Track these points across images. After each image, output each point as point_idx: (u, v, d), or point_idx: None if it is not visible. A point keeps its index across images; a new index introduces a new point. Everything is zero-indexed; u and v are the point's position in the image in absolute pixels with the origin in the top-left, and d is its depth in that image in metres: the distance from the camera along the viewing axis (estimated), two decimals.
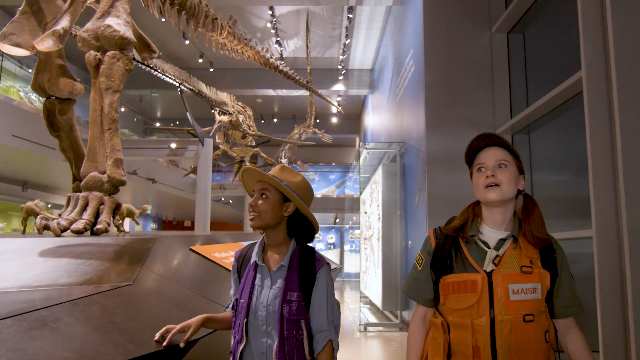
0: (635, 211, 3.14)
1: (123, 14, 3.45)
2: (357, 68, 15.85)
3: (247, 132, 10.53)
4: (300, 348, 1.66)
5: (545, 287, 1.54)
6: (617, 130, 3.26)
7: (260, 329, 1.68)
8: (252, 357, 1.68)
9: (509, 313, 1.50)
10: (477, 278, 1.54)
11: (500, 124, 6.58)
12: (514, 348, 1.49)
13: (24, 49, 3.48)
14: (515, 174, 1.61)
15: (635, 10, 3.35)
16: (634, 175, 3.17)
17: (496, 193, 1.58)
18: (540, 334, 1.52)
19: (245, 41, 6.66)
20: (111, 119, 3.22)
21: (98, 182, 3.22)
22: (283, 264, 1.75)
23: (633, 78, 3.29)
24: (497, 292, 1.51)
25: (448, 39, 7.15)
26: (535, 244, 1.56)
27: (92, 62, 3.31)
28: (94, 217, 3.14)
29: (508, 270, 1.53)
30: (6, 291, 1.83)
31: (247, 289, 1.74)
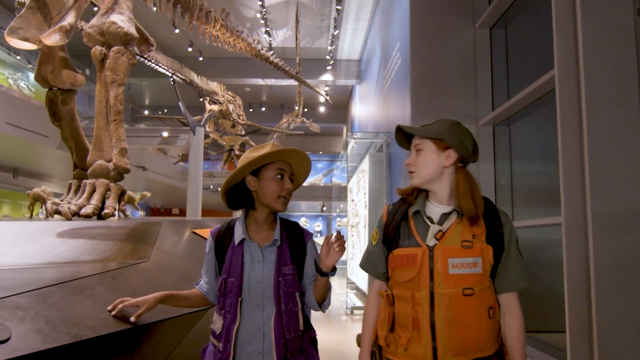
0: (598, 199, 3.45)
1: (126, 10, 3.65)
2: (345, 58, 16.05)
3: (237, 121, 10.72)
4: (296, 319, 1.72)
5: (487, 262, 1.56)
6: (584, 126, 3.56)
7: (255, 305, 1.71)
8: (247, 334, 1.70)
9: (448, 287, 1.52)
10: (417, 252, 1.57)
11: (482, 116, 6.87)
12: (453, 322, 1.52)
13: (32, 43, 3.67)
14: (432, 155, 1.62)
15: (602, 16, 3.63)
16: (598, 167, 3.48)
17: (414, 179, 1.65)
18: (481, 309, 1.54)
19: (237, 33, 6.85)
20: (117, 111, 3.44)
21: (104, 169, 3.45)
22: (276, 238, 1.78)
23: (599, 78, 3.58)
24: (437, 266, 1.54)
25: (433, 33, 7.40)
26: (469, 218, 1.58)
27: (97, 57, 3.52)
28: (101, 202, 3.36)
29: (449, 244, 1.56)
30: (38, 266, 2.07)
31: (237, 268, 1.74)
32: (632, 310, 3.34)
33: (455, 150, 1.61)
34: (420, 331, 1.53)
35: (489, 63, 7.18)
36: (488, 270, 1.56)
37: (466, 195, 1.56)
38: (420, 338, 1.54)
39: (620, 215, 3.41)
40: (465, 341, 1.52)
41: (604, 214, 3.42)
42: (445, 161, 1.61)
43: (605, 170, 3.45)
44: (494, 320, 1.58)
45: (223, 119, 10.52)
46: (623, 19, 3.62)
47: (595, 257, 3.42)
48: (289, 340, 1.69)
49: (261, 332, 1.69)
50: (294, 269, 1.76)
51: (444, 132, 1.62)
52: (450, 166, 1.62)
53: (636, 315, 3.34)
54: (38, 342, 1.31)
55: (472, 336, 1.52)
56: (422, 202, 1.66)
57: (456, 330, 1.51)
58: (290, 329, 1.70)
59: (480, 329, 1.53)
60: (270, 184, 1.77)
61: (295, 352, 1.71)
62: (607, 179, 3.44)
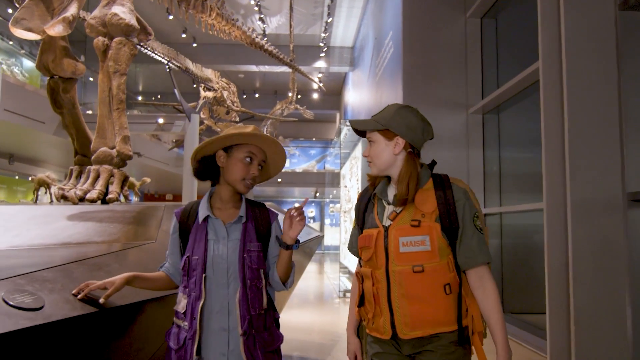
0: (576, 186, 3.65)
1: (127, 2, 3.78)
2: (338, 46, 16.13)
3: (231, 107, 10.84)
4: (260, 296, 1.73)
5: (436, 239, 1.59)
6: (566, 117, 3.75)
7: (220, 282, 1.71)
8: (212, 311, 1.70)
9: (399, 264, 1.59)
10: (374, 233, 1.66)
11: (472, 104, 7.05)
12: (406, 297, 1.59)
13: (36, 33, 3.78)
14: (382, 145, 1.68)
15: (584, 11, 3.81)
16: (577, 157, 3.68)
17: (372, 168, 1.74)
18: (435, 286, 1.59)
19: (232, 22, 6.96)
20: (119, 100, 3.59)
21: (108, 156, 3.60)
22: (241, 214, 1.79)
23: (580, 71, 3.76)
24: (391, 245, 1.61)
25: (426, 22, 7.54)
26: (399, 201, 1.65)
27: (100, 48, 3.65)
28: (105, 187, 3.52)
29: (401, 224, 1.62)
30: (55, 246, 2.25)
31: (201, 245, 1.74)
32: (606, 292, 3.57)
33: (402, 136, 1.65)
34: (380, 306, 1.63)
35: (479, 52, 7.34)
36: (438, 248, 1.59)
37: (403, 180, 1.63)
38: (381, 313, 1.63)
39: (597, 202, 3.62)
40: (420, 316, 1.58)
41: (582, 201, 3.63)
42: (395, 149, 1.67)
43: (584, 159, 3.65)
44: (452, 296, 1.60)
45: (217, 105, 10.64)
46: (604, 13, 3.79)
47: (573, 242, 3.64)
48: (254, 317, 1.70)
49: (226, 309, 1.69)
50: (259, 246, 1.76)
51: (389, 120, 1.66)
52: (401, 152, 1.67)
53: (610, 295, 3.57)
54: (68, 310, 1.49)
55: (428, 311, 1.58)
56: (382, 186, 1.73)
57: (410, 305, 1.58)
58: (255, 306, 1.71)
59: (436, 305, 1.58)
60: (237, 164, 1.76)
61: (260, 328, 1.72)
62: (586, 168, 3.64)
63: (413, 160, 1.67)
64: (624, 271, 3.57)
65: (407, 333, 1.59)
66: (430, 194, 1.64)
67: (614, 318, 3.56)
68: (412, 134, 1.66)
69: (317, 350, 4.77)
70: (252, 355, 1.67)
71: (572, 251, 3.63)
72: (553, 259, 3.90)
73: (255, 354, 1.68)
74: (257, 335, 1.70)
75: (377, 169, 1.70)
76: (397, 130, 1.65)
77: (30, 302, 1.40)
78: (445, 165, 6.81)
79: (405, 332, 1.59)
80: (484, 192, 6.85)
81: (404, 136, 1.65)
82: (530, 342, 4.91)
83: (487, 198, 6.79)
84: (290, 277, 1.81)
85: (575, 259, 3.63)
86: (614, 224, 3.60)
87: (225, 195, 1.80)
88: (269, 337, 1.74)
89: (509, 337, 4.97)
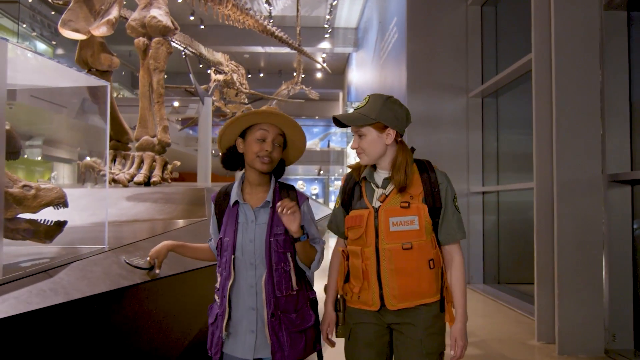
0: (562, 168, 4.14)
1: (163, 5, 4.22)
2: (342, 27, 16.43)
3: (240, 89, 11.25)
4: (288, 279, 1.77)
5: (424, 219, 1.73)
6: (554, 105, 4.21)
7: (248, 263, 1.77)
8: (241, 290, 1.77)
9: (389, 242, 1.72)
10: (364, 213, 1.76)
11: (472, 89, 7.47)
12: (395, 272, 1.71)
13: (82, 34, 4.24)
14: (374, 136, 1.76)
15: (572, 10, 4.24)
16: (563, 142, 4.16)
17: (363, 159, 1.80)
18: (421, 261, 1.72)
19: (246, 11, 7.36)
20: (159, 94, 4.06)
21: (150, 144, 4.09)
22: (268, 199, 1.81)
23: (567, 64, 4.22)
24: (381, 225, 1.73)
25: (429, 10, 7.89)
26: (398, 188, 1.74)
27: (141, 47, 4.11)
28: (149, 171, 4.03)
29: (390, 205, 1.74)
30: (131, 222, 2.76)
31: (232, 228, 1.80)
32: (585, 262, 4.09)
33: (392, 127, 1.75)
34: (369, 281, 1.74)
35: (480, 39, 7.74)
36: (425, 227, 1.73)
37: (401, 168, 1.73)
38: (369, 287, 1.75)
39: (580, 183, 4.11)
40: (407, 288, 1.71)
41: (567, 181, 4.12)
42: (387, 139, 1.76)
43: (569, 144, 4.14)
44: (435, 270, 1.75)
45: (227, 88, 11.05)
46: (590, 13, 4.23)
47: (558, 218, 4.13)
48: (280, 299, 1.74)
49: (254, 289, 1.75)
50: (286, 230, 1.77)
51: (379, 113, 1.73)
52: (392, 142, 1.77)
53: (588, 266, 4.09)
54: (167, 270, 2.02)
55: (414, 284, 1.71)
56: (370, 170, 1.83)
57: (399, 279, 1.71)
58: (282, 288, 1.75)
59: (421, 278, 1.72)
60: (251, 144, 1.78)
61: (288, 310, 1.76)
62: (570, 152, 4.13)
63: (406, 149, 1.79)
64: (601, 244, 4.08)
65: (395, 305, 1.72)
66: (416, 177, 1.77)
67: (592, 286, 4.09)
68: (400, 124, 1.77)
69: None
70: (276, 335, 1.73)
71: (557, 226, 4.13)
72: (541, 233, 4.43)
73: (280, 334, 1.73)
74: (284, 316, 1.74)
75: (369, 159, 1.78)
76: (388, 123, 1.74)
77: (142, 264, 1.92)
78: (445, 146, 7.33)
79: (394, 304, 1.72)
80: (482, 172, 7.35)
81: (394, 127, 1.75)
82: (522, 308, 5.48)
83: (485, 177, 7.30)
84: (315, 262, 1.84)
85: (559, 233, 4.13)
86: (594, 202, 4.10)
87: (253, 179, 1.84)
88: (297, 319, 1.77)
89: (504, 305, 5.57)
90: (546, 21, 4.45)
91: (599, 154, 4.13)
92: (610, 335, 4.04)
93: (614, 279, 4.09)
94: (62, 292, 1.50)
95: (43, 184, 1.75)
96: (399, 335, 1.77)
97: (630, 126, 4.18)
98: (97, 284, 1.66)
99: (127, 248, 2.05)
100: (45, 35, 14.38)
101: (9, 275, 1.49)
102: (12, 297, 1.36)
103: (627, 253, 4.10)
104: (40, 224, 1.74)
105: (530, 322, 4.73)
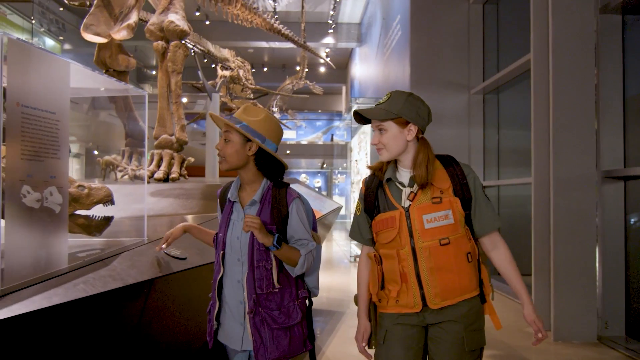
0: (558, 164, 4.36)
1: (180, 10, 4.44)
2: (346, 22, 16.60)
3: (246, 85, 11.47)
4: (269, 276, 1.78)
5: (458, 212, 1.70)
6: (551, 104, 4.43)
7: (235, 259, 1.82)
8: (230, 285, 1.83)
9: (426, 240, 1.68)
10: (395, 214, 1.72)
11: (474, 86, 7.67)
12: (435, 270, 1.68)
13: (103, 37, 4.46)
14: (396, 132, 1.73)
15: (568, 13, 4.44)
16: (559, 139, 4.38)
17: (383, 155, 1.76)
18: (459, 255, 1.70)
19: (254, 10, 7.56)
20: (177, 95, 4.29)
21: (169, 142, 4.33)
22: (255, 198, 1.83)
23: (564, 65, 4.43)
24: (414, 224, 1.69)
25: (432, 8, 8.08)
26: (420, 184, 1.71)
27: (159, 50, 4.33)
28: (168, 168, 4.26)
29: (421, 203, 1.70)
30: (158, 216, 3.00)
31: (224, 224, 1.86)
32: (580, 254, 4.33)
33: (414, 124, 1.72)
34: (408, 283, 1.70)
35: (482, 36, 7.93)
36: (459, 220, 1.71)
37: (422, 164, 1.70)
38: (408, 289, 1.70)
39: (575, 178, 4.34)
40: (449, 285, 1.68)
41: (563, 177, 4.35)
42: (408, 135, 1.73)
43: (565, 141, 4.36)
44: (473, 264, 1.73)
45: (233, 83, 11.27)
46: (586, 16, 4.45)
47: (554, 212, 4.36)
48: (260, 296, 1.77)
49: (240, 284, 1.81)
50: (271, 228, 1.79)
51: (401, 108, 1.71)
52: (413, 139, 1.75)
53: (583, 257, 4.33)
54: (199, 260, 2.26)
55: (455, 280, 1.68)
56: (392, 170, 1.79)
57: (440, 276, 1.67)
58: (262, 285, 1.77)
59: (461, 273, 1.69)
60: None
61: (270, 307, 1.78)
62: (566, 149, 4.36)
63: (428, 145, 1.75)
64: (594, 237, 4.31)
65: (438, 303, 1.68)
66: (442, 172, 1.74)
67: (586, 276, 4.33)
68: (422, 120, 1.74)
69: (337, 304, 5.60)
70: (258, 331, 1.76)
71: (553, 220, 4.36)
72: (538, 226, 4.65)
73: (262, 330, 1.76)
74: (266, 312, 1.77)
75: (389, 155, 1.75)
76: (410, 118, 1.71)
77: (179, 254, 2.16)
78: (448, 142, 7.57)
79: (436, 303, 1.68)
80: (483, 167, 7.58)
81: (416, 123, 1.72)
82: None
83: (486, 172, 7.53)
84: (298, 266, 1.80)
85: (555, 226, 4.36)
86: (588, 197, 4.33)
87: (241, 178, 1.89)
88: (281, 316, 1.79)
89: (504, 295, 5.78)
90: (544, 24, 4.66)
91: (593, 151, 4.35)
92: (603, 323, 4.28)
93: (606, 269, 4.32)
94: (119, 278, 1.75)
95: (93, 184, 1.99)
96: (438, 332, 1.73)
97: (623, 125, 4.40)
98: (145, 271, 1.90)
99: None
100: (52, 30, 14.57)
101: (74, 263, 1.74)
102: (81, 281, 1.61)
103: (619, 245, 4.33)
104: (93, 219, 1.98)
105: None
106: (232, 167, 1.81)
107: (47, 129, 1.62)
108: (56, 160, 1.68)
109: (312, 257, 1.84)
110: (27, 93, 1.54)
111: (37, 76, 1.59)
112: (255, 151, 1.80)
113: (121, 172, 4.67)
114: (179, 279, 2.11)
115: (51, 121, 1.65)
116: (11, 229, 1.46)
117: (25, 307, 1.36)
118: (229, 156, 1.79)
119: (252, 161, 1.82)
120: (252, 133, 1.78)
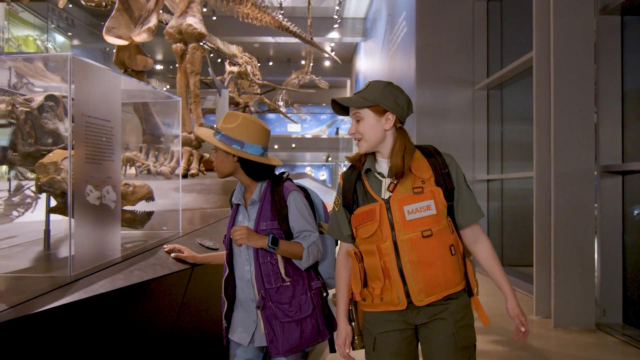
0: (559, 159, 4.56)
1: (197, 13, 4.64)
2: (351, 17, 16.76)
3: (254, 81, 11.67)
4: (276, 271, 1.83)
5: (440, 203, 1.64)
6: (552, 102, 4.63)
7: (243, 258, 1.88)
8: (241, 284, 1.89)
9: (407, 232, 1.61)
10: (375, 207, 1.64)
11: (478, 81, 7.85)
12: (418, 263, 1.60)
13: (124, 40, 4.67)
14: (373, 121, 1.67)
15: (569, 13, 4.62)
16: (560, 135, 4.58)
17: (362, 146, 1.70)
18: (442, 248, 1.62)
19: (263, 9, 7.75)
20: (195, 95, 4.51)
21: (187, 140, 4.55)
22: (254, 198, 1.88)
23: (565, 63, 4.62)
24: (395, 215, 1.62)
25: (437, 5, 8.25)
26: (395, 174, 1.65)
27: (178, 52, 4.54)
28: (187, 164, 4.49)
29: (402, 194, 1.63)
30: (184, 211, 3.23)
31: (230, 227, 1.93)
32: (579, 245, 4.54)
33: (392, 112, 1.66)
34: (391, 279, 1.62)
35: (486, 33, 8.10)
36: (442, 211, 1.64)
37: (398, 153, 1.65)
38: (392, 285, 1.63)
39: (575, 173, 4.54)
40: (433, 280, 1.61)
41: (563, 171, 4.55)
42: (386, 124, 1.67)
43: (565, 137, 4.56)
44: (457, 256, 1.67)
45: (241, 79, 11.47)
46: (586, 17, 4.63)
47: (555, 205, 4.57)
48: (270, 290, 1.82)
49: (250, 282, 1.86)
50: (273, 224, 1.84)
51: (379, 96, 1.66)
52: (391, 128, 1.68)
53: (582, 248, 4.53)
54: None
55: (439, 274, 1.61)
56: (372, 161, 1.72)
57: (423, 271, 1.60)
58: (271, 281, 1.82)
59: (445, 267, 1.62)
60: None
61: (281, 301, 1.82)
62: (566, 144, 4.56)
63: (406, 135, 1.70)
64: (593, 229, 4.52)
65: (423, 299, 1.62)
66: (423, 162, 1.68)
67: (585, 266, 4.55)
68: (401, 109, 1.68)
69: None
70: (270, 325, 1.81)
71: (554, 212, 4.57)
72: (539, 219, 4.86)
73: (274, 323, 1.81)
74: (276, 307, 1.81)
75: (367, 146, 1.69)
76: (387, 107, 1.65)
77: (211, 245, 2.40)
78: (452, 136, 7.78)
79: (421, 299, 1.62)
80: (487, 160, 7.79)
81: (394, 112, 1.66)
82: (523, 287, 5.94)
83: (490, 166, 7.74)
84: (303, 259, 1.83)
85: (556, 218, 4.56)
86: (588, 191, 4.53)
87: (240, 182, 1.96)
88: (292, 309, 1.82)
89: None
90: (546, 24, 4.85)
91: (593, 146, 4.54)
92: (601, 311, 4.49)
93: (605, 260, 4.53)
94: (165, 266, 1.98)
95: (137, 182, 2.23)
96: (428, 332, 1.68)
97: (622, 121, 4.59)
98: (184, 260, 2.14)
99: (196, 233, 2.52)
100: (61, 26, 14.77)
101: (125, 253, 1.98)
102: (135, 269, 1.84)
103: (617, 237, 4.53)
104: (137, 214, 2.22)
105: (530, 300, 5.18)
106: (224, 175, 1.87)
107: (104, 135, 1.85)
108: (111, 163, 1.91)
109: (317, 248, 1.85)
110: (89, 104, 1.77)
111: (95, 88, 1.81)
112: (237, 158, 1.83)
113: (140, 167, 4.88)
114: (213, 268, 2.34)
115: (107, 128, 1.87)
116: (79, 223, 1.69)
117: (101, 287, 1.60)
118: (218, 165, 1.86)
119: (239, 167, 1.85)
120: (229, 141, 1.81)
